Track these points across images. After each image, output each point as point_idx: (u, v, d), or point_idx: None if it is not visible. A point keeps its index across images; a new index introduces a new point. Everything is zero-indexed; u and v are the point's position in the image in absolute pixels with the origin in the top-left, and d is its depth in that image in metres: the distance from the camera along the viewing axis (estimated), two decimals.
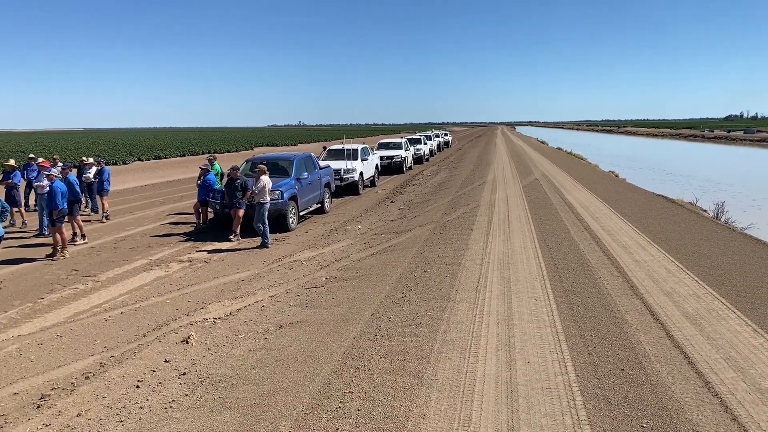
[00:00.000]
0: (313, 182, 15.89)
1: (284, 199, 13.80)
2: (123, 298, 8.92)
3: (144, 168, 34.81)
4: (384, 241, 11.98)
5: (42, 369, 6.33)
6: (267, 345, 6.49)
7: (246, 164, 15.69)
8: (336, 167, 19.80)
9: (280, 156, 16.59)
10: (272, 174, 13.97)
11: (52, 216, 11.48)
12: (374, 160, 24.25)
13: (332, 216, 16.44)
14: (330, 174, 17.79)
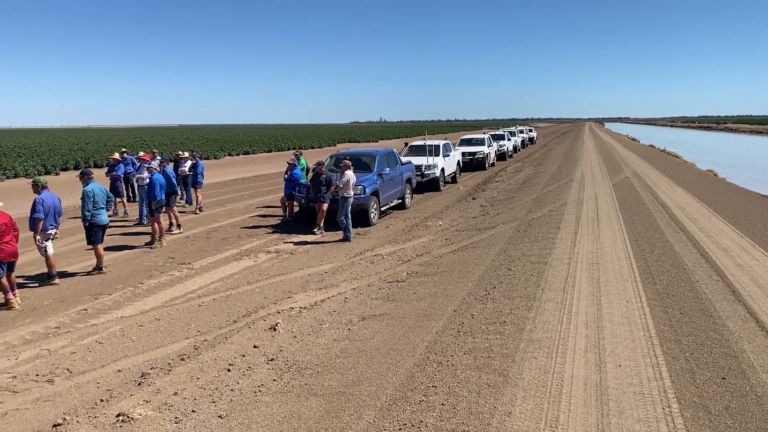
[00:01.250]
0: (394, 178, 15.98)
1: (366, 194, 13.96)
2: (215, 285, 9.34)
3: (234, 163, 36.33)
4: (466, 237, 11.87)
5: (142, 349, 6.74)
6: (350, 336, 6.59)
7: (330, 159, 16.00)
8: (417, 163, 19.80)
9: (364, 152, 16.80)
10: (355, 169, 14.17)
11: (151, 206, 12.20)
12: (456, 157, 24.05)
13: (413, 212, 16.46)
14: (411, 170, 17.82)
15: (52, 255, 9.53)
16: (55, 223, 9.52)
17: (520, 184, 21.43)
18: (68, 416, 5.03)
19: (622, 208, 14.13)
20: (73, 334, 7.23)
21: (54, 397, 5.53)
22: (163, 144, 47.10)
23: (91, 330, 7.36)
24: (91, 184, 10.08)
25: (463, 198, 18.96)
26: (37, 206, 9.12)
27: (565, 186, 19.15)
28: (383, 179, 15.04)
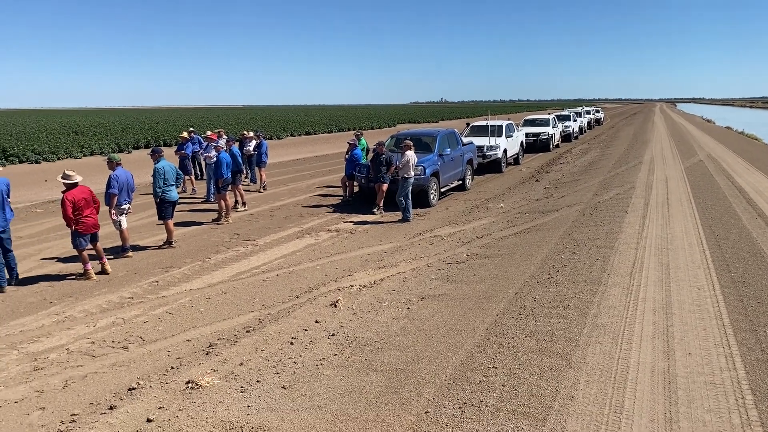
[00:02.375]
0: (455, 159, 15.81)
1: (426, 175, 13.89)
2: (278, 261, 9.56)
3: (296, 143, 36.90)
4: (528, 220, 11.65)
5: (209, 320, 7.00)
6: (410, 315, 6.62)
7: (391, 140, 15.99)
8: (479, 144, 19.50)
9: (424, 132, 16.67)
10: (416, 150, 14.09)
11: (218, 184, 12.57)
12: (519, 138, 23.54)
13: (473, 193, 16.28)
14: (473, 151, 17.58)
15: (126, 229, 10.00)
16: (129, 198, 9.96)
17: (585, 167, 20.80)
18: (142, 381, 5.30)
19: (694, 192, 13.50)
20: (145, 304, 7.58)
21: (128, 362, 5.84)
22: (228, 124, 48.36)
23: (162, 301, 7.70)
24: (161, 161, 10.47)
25: (526, 180, 18.59)
26: (111, 182, 9.56)
27: (634, 169, 18.45)
28: (444, 160, 14.91)
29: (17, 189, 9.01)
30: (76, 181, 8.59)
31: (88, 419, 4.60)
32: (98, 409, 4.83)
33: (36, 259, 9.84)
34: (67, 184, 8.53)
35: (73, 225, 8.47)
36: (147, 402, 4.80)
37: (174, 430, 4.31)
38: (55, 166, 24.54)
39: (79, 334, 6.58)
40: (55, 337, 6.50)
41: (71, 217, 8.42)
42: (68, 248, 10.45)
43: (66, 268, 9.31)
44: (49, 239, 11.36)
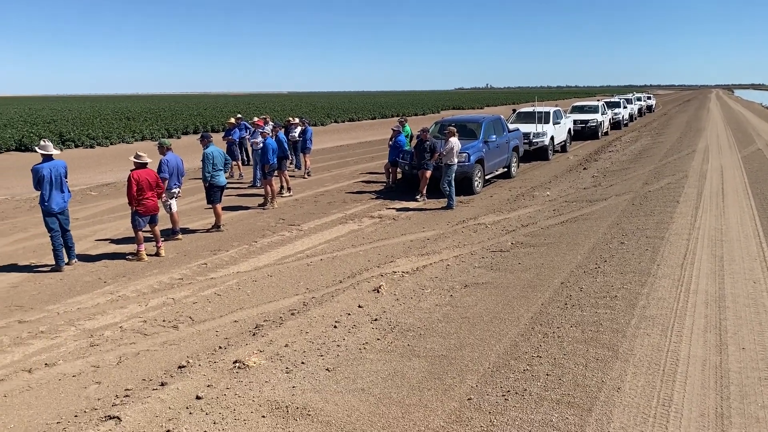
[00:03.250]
0: (500, 145, 15.60)
1: (471, 162, 13.76)
2: (322, 246, 9.68)
3: (339, 129, 37.08)
4: (575, 209, 11.43)
5: (256, 302, 7.15)
6: (452, 302, 6.61)
7: (435, 126, 15.88)
8: (525, 131, 19.17)
9: (469, 118, 16.48)
10: (460, 136, 13.96)
11: (264, 170, 12.77)
12: (567, 124, 23.03)
13: (519, 181, 16.05)
14: (519, 137, 17.31)
15: (176, 212, 10.28)
16: (178, 182, 10.23)
17: (636, 155, 20.22)
18: (191, 360, 5.47)
19: (752, 183, 12.96)
20: (194, 285, 7.80)
21: (178, 341, 6.03)
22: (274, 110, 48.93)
23: (210, 282, 7.90)
24: (210, 146, 10.69)
25: (574, 168, 18.21)
26: (162, 166, 9.83)
27: (687, 157, 17.83)
28: (489, 147, 14.73)
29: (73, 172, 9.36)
30: (146, 162, 8.90)
31: (141, 394, 4.78)
32: (150, 385, 5.01)
33: (91, 240, 10.23)
34: (136, 163, 8.86)
35: (134, 204, 8.80)
36: (196, 380, 4.95)
37: (222, 408, 4.44)
38: (108, 151, 25.41)
39: (131, 313, 6.83)
40: (109, 315, 6.76)
41: (134, 196, 8.75)
42: (121, 230, 10.83)
43: (119, 249, 9.64)
44: (103, 221, 11.79)
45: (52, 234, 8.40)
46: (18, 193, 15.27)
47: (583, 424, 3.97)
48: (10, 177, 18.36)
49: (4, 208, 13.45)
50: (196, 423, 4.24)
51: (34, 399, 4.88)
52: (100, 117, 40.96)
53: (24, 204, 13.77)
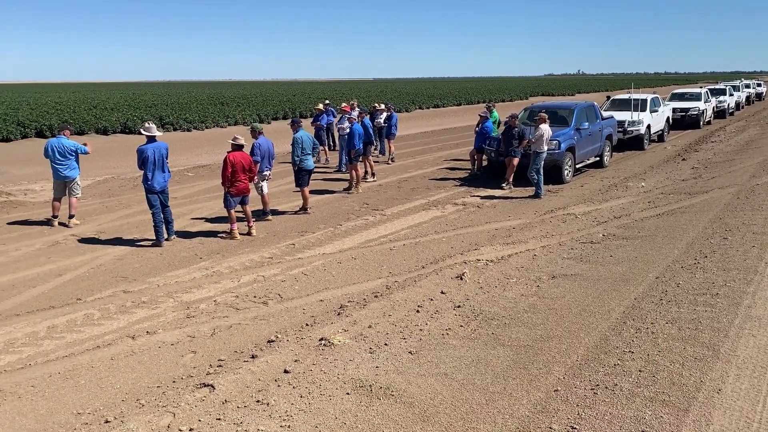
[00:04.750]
0: (593, 133, 14.99)
1: (561, 150, 13.32)
2: (405, 231, 9.72)
3: (424, 116, 36.98)
4: (672, 201, 10.81)
5: (340, 283, 7.31)
6: (539, 292, 6.46)
7: (524, 112, 15.48)
8: (620, 118, 18.30)
9: (560, 105, 15.94)
10: (551, 123, 13.51)
11: (350, 155, 12.95)
12: (665, 113, 21.76)
13: (611, 171, 15.38)
14: (613, 125, 16.56)
15: (267, 194, 10.65)
16: (269, 165, 10.58)
17: (742, 146, 18.82)
18: (280, 335, 5.67)
19: None
20: (282, 264, 8.07)
21: (268, 317, 6.26)
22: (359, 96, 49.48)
23: (297, 262, 8.15)
24: (300, 131, 10.97)
25: (671, 158, 17.21)
26: (255, 150, 10.19)
27: None
28: (580, 134, 14.19)
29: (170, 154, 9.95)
30: (241, 144, 9.29)
31: (233, 365, 5.01)
32: (241, 356, 5.24)
33: (188, 218, 10.80)
34: (233, 145, 9.27)
35: (227, 185, 9.21)
36: (284, 354, 5.13)
37: (308, 383, 4.58)
38: (203, 134, 26.67)
39: (225, 288, 7.16)
40: (204, 289, 7.13)
41: (228, 177, 9.16)
42: (215, 210, 11.35)
43: (214, 227, 10.12)
44: (199, 200, 12.42)
45: (154, 211, 8.94)
46: (122, 172, 16.34)
47: (679, 424, 3.77)
48: (116, 157, 19.69)
49: (110, 185, 14.45)
50: (284, 395, 4.40)
51: (137, 363, 5.24)
52: (196, 102, 43.01)
53: (128, 182, 14.73)
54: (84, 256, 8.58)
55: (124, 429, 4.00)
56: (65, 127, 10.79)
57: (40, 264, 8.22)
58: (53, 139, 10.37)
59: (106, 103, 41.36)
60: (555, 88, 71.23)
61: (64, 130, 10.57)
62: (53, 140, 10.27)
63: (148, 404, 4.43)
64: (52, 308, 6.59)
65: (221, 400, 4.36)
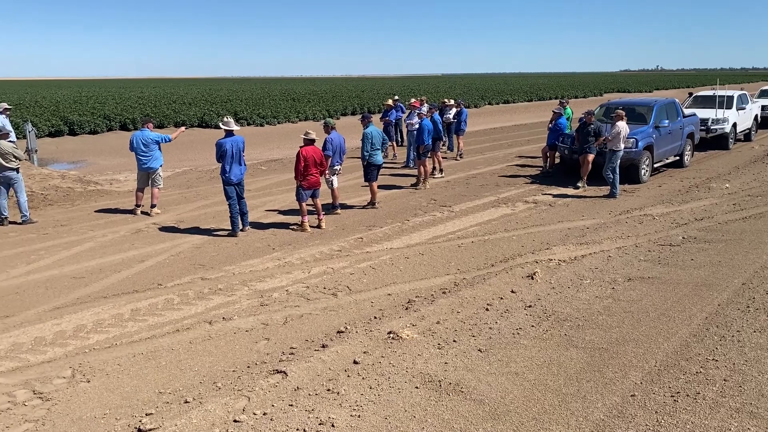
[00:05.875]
0: (673, 132, 14.31)
1: (638, 148, 12.81)
2: (473, 229, 9.63)
3: (493, 111, 36.45)
4: (761, 204, 10.20)
5: (408, 278, 7.32)
6: (614, 295, 6.25)
7: (600, 109, 14.98)
8: (703, 116, 17.38)
9: (639, 101, 15.30)
10: (628, 120, 13.02)
11: (419, 150, 12.94)
12: (753, 110, 20.50)
13: (692, 171, 14.65)
14: (695, 123, 15.75)
15: (336, 188, 10.81)
16: (340, 160, 10.72)
17: None
18: (349, 326, 5.76)
19: None
20: (351, 257, 8.17)
21: (337, 308, 6.37)
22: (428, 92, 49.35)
23: (365, 256, 8.23)
24: (370, 126, 11.05)
25: (759, 159, 16.21)
26: (326, 144, 10.35)
27: None
28: (660, 132, 13.59)
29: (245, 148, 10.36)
30: (313, 138, 9.49)
31: (304, 353, 5.14)
32: (312, 345, 5.36)
33: (261, 210, 11.11)
34: (305, 140, 9.49)
35: (299, 179, 9.43)
36: (353, 345, 5.21)
37: (377, 375, 4.63)
38: (275, 129, 27.36)
39: (296, 279, 7.33)
40: (277, 279, 7.32)
41: (300, 171, 9.37)
42: (287, 202, 11.63)
43: (285, 219, 10.38)
44: (272, 193, 12.75)
45: (230, 202, 9.26)
46: (200, 165, 17.01)
47: None
48: (194, 150, 20.53)
49: (188, 177, 15.07)
50: (353, 385, 4.46)
51: (214, 348, 5.45)
52: (269, 98, 44.20)
53: (205, 175, 15.31)
54: (164, 243, 9.00)
55: (203, 410, 4.18)
56: (148, 119, 11.34)
57: (125, 250, 8.69)
58: (138, 131, 10.92)
59: (185, 98, 43.16)
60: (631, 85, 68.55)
61: (148, 122, 11.10)
62: (138, 133, 10.81)
63: (225, 387, 4.60)
64: (136, 292, 6.96)
65: (293, 387, 4.47)
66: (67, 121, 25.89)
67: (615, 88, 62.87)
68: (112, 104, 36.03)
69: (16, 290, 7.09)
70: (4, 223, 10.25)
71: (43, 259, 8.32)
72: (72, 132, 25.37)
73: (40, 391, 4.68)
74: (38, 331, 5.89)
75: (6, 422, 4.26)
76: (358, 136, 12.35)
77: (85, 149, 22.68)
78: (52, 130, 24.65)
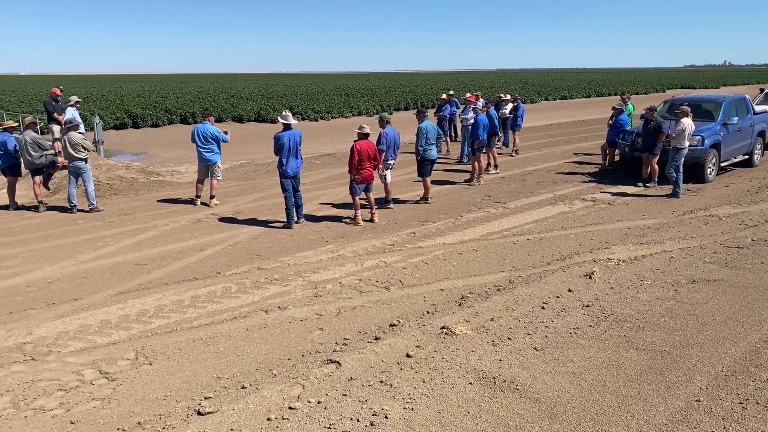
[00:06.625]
0: (742, 129, 13.65)
1: (704, 146, 12.28)
2: (529, 226, 9.46)
3: (550, 107, 35.71)
4: None
5: (461, 274, 7.27)
6: (677, 297, 6.02)
7: (664, 105, 14.44)
8: None
9: (706, 97, 14.67)
10: (694, 117, 12.49)
11: (473, 146, 12.81)
12: None
13: (762, 171, 13.95)
14: (766, 121, 14.98)
15: (390, 183, 10.82)
16: (394, 154, 10.73)
17: None
18: (401, 320, 5.76)
19: None
20: (403, 252, 8.18)
21: (390, 301, 6.38)
22: (483, 87, 48.78)
23: (418, 251, 8.21)
24: (425, 121, 11.01)
25: None
26: (381, 139, 10.37)
27: None
28: (728, 130, 12.99)
29: None
30: (367, 133, 9.55)
31: (358, 345, 5.17)
32: (365, 337, 5.39)
33: (315, 203, 11.26)
34: (359, 134, 9.56)
35: (353, 173, 9.49)
36: (406, 339, 5.21)
37: (430, 369, 4.61)
38: (329, 124, 27.63)
39: (349, 271, 7.39)
40: (330, 271, 7.40)
41: (354, 165, 9.44)
42: (341, 196, 11.73)
43: (339, 212, 10.47)
44: (326, 187, 12.90)
45: (286, 195, 9.42)
46: (256, 158, 17.38)
47: None
48: (251, 143, 20.98)
49: (246, 170, 15.42)
50: (406, 378, 4.47)
51: (270, 336, 5.56)
52: (323, 93, 44.69)
53: (261, 167, 15.63)
54: (223, 233, 9.24)
55: (259, 396, 4.27)
56: (209, 113, 11.64)
57: (185, 239, 8.96)
58: (199, 125, 11.23)
59: (242, 92, 44.14)
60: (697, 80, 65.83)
61: (209, 116, 11.40)
62: (199, 126, 11.11)
63: (280, 375, 4.69)
64: (195, 280, 7.17)
65: (347, 377, 4.51)
66: (131, 114, 26.91)
67: (679, 84, 60.51)
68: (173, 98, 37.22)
69: (84, 275, 7.43)
70: (73, 210, 10.76)
71: (108, 246, 8.69)
72: (135, 125, 26.37)
73: (106, 371, 4.89)
74: (104, 314, 6.16)
75: (76, 399, 4.47)
76: (411, 130, 12.35)
77: (147, 141, 23.55)
78: (117, 123, 25.68)
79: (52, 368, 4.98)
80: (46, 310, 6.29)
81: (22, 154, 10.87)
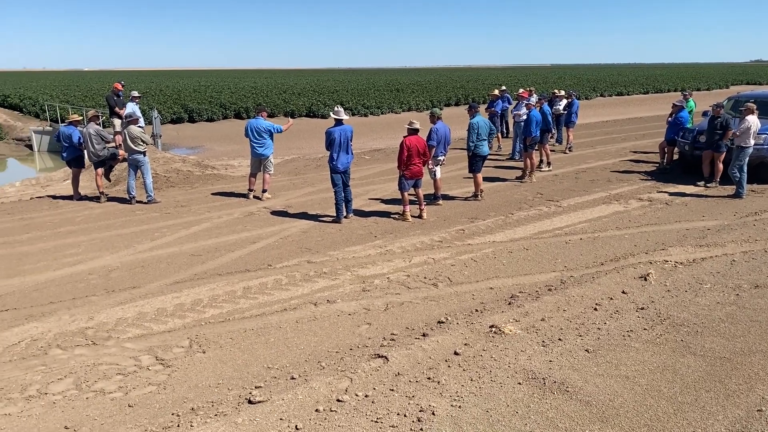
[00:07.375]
0: None
1: None
2: (582, 225, 9.25)
3: (606, 104, 34.75)
4: None
5: (511, 273, 7.17)
6: (738, 302, 5.77)
7: (728, 102, 13.83)
8: None
9: None
10: (760, 115, 11.91)
11: (525, 142, 12.60)
12: None
13: None
14: None
15: (439, 179, 10.77)
16: (444, 150, 10.66)
17: None
18: (450, 317, 5.74)
19: None
20: (452, 249, 8.13)
21: (437, 298, 6.36)
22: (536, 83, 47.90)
23: (467, 248, 8.15)
24: (477, 116, 10.89)
25: None
26: (432, 134, 10.33)
27: None
28: None
29: None
30: (417, 128, 9.54)
31: (405, 340, 5.18)
32: (413, 333, 5.40)
33: (364, 199, 11.32)
34: (409, 130, 9.55)
35: (402, 169, 9.50)
36: (454, 336, 5.18)
37: (478, 367, 4.58)
38: (378, 120, 27.69)
39: (397, 267, 7.41)
40: (378, 266, 7.43)
41: (403, 161, 9.44)
42: (389, 192, 11.76)
43: (387, 208, 10.50)
44: (375, 182, 12.95)
45: (336, 189, 9.50)
46: (307, 153, 17.60)
47: None
48: (302, 138, 21.26)
49: (296, 165, 15.64)
50: (454, 376, 4.44)
51: (318, 328, 5.64)
52: (374, 88, 44.81)
53: (312, 162, 15.82)
54: (274, 227, 9.41)
55: (308, 387, 4.33)
56: (263, 108, 11.86)
57: (238, 231, 9.17)
58: (252, 119, 11.45)
59: (294, 88, 44.75)
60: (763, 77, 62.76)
61: (262, 111, 11.61)
62: (252, 121, 11.34)
63: (328, 367, 4.75)
64: (247, 271, 7.33)
65: (394, 372, 4.53)
66: (187, 109, 27.69)
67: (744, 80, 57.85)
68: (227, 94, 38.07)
69: (142, 264, 7.71)
70: (132, 202, 11.17)
71: (165, 236, 8.98)
72: (191, 119, 27.13)
73: (162, 358, 5.07)
74: (160, 302, 6.37)
75: (133, 383, 4.65)
76: (461, 126, 12.25)
77: (202, 135, 24.19)
78: (174, 117, 26.49)
79: (111, 353, 5.19)
80: (106, 297, 6.56)
81: (86, 147, 11.35)
